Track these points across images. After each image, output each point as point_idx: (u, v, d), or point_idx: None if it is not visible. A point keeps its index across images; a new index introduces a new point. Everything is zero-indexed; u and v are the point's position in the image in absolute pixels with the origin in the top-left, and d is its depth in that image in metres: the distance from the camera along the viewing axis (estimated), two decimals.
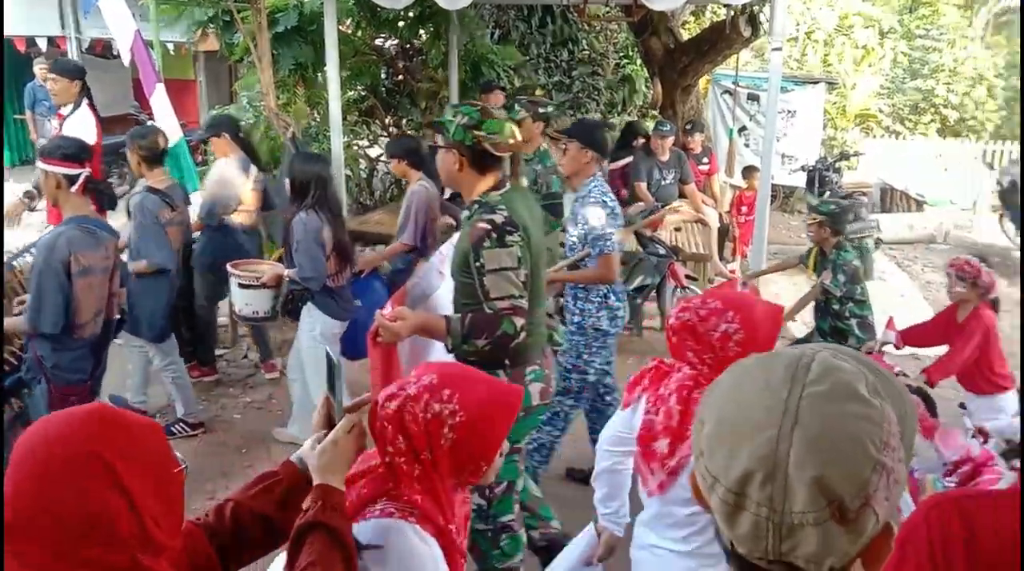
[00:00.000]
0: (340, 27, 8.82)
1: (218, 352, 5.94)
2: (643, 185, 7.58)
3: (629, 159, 7.98)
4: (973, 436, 3.00)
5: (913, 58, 16.06)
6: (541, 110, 5.13)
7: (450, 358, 2.63)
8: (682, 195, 7.88)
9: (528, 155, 5.44)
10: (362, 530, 1.53)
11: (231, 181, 5.28)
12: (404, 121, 10.41)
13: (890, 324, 4.39)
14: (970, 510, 1.06)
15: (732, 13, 8.37)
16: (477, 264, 2.57)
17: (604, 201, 3.82)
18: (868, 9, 16.04)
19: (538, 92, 13.00)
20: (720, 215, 8.49)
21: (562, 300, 4.25)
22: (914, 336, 4.32)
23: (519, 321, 2.56)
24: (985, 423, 3.09)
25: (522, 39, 12.69)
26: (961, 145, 13.57)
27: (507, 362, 2.71)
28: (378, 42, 10.48)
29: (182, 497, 1.31)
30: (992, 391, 3.89)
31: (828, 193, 9.16)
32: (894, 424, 0.82)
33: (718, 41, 8.98)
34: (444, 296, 2.95)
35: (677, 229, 7.75)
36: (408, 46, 10.42)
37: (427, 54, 10.07)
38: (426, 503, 1.54)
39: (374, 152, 10.68)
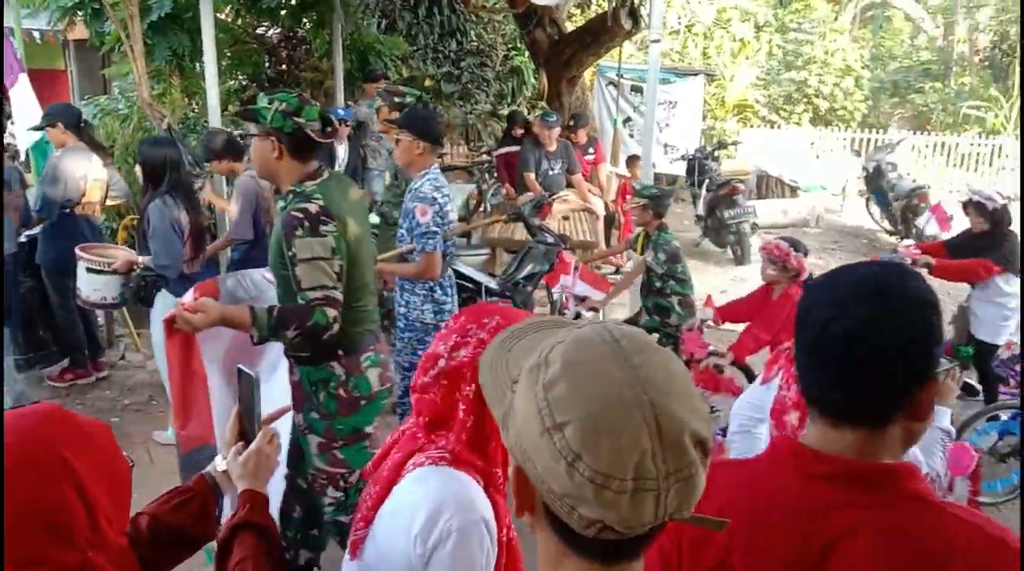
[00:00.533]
0: (219, 15, 8.56)
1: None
2: (532, 175, 7.69)
3: (513, 148, 8.06)
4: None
5: (787, 50, 16.82)
6: (397, 99, 5.08)
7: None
8: (569, 185, 8.03)
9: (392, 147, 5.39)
10: (404, 488, 1.52)
11: (66, 172, 5.03)
12: None
13: (708, 302, 4.64)
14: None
15: (613, 6, 8.56)
16: (289, 253, 2.52)
17: (434, 197, 3.74)
18: (744, 3, 16.70)
19: (427, 82, 12.99)
20: (606, 204, 8.69)
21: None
22: (731, 313, 4.51)
23: (331, 312, 2.51)
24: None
25: (409, 29, 12.62)
26: (831, 133, 14.32)
27: (340, 352, 2.70)
28: (260, 30, 10.23)
29: (130, 494, 1.35)
30: None
31: (708, 180, 9.54)
32: None
33: (601, 33, 9.16)
34: None
35: (565, 218, 7.89)
36: (291, 34, 10.20)
37: (311, 43, 9.88)
38: (464, 451, 1.51)
39: None
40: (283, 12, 9.13)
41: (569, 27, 10.97)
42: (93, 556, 1.22)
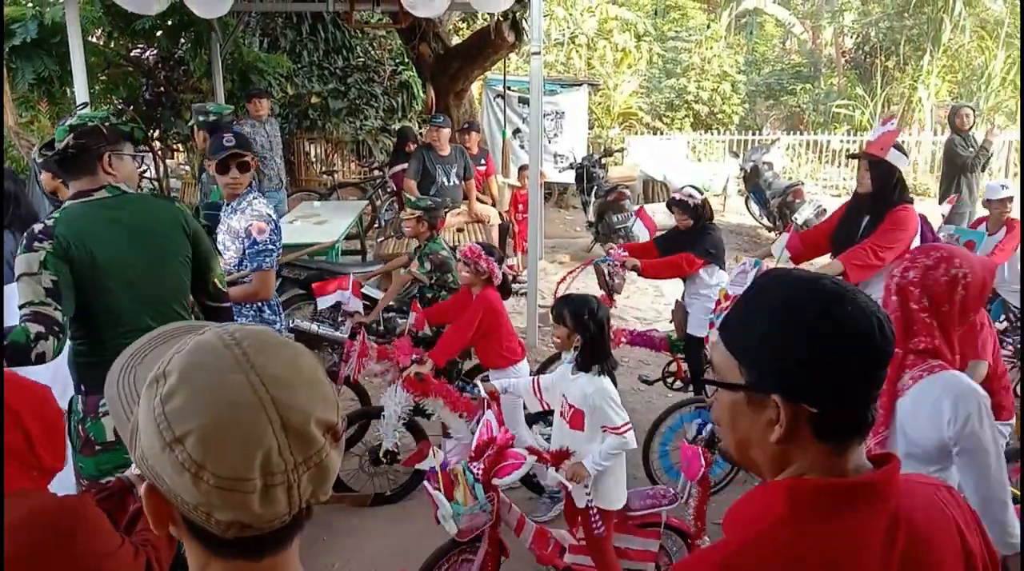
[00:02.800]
0: (91, 37, 8.27)
1: None
2: (414, 183, 7.64)
3: (403, 166, 8.09)
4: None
5: (666, 58, 17.42)
6: (202, 117, 5.02)
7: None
8: (464, 196, 8.09)
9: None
10: (919, 393, 2.08)
11: None
12: (169, 134, 9.92)
13: (414, 306, 4.75)
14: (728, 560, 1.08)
15: (496, 19, 8.72)
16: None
17: (270, 214, 3.68)
18: (624, 13, 17.23)
19: (313, 99, 12.88)
20: (500, 214, 8.81)
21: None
22: (435, 315, 4.57)
23: (34, 328, 2.32)
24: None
25: (293, 47, 12.49)
26: (712, 137, 14.90)
27: (82, 386, 2.60)
28: (135, 52, 9.93)
29: (63, 433, 1.76)
30: (506, 365, 4.22)
31: (596, 187, 9.79)
32: None
33: (485, 47, 9.30)
34: None
35: (459, 230, 7.97)
36: (168, 56, 9.94)
37: (189, 64, 9.65)
38: (940, 345, 2.14)
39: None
40: (159, 33, 8.90)
41: (455, 41, 11.10)
42: (39, 477, 1.66)
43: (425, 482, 2.91)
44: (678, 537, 3.39)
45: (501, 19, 8.73)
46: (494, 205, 8.78)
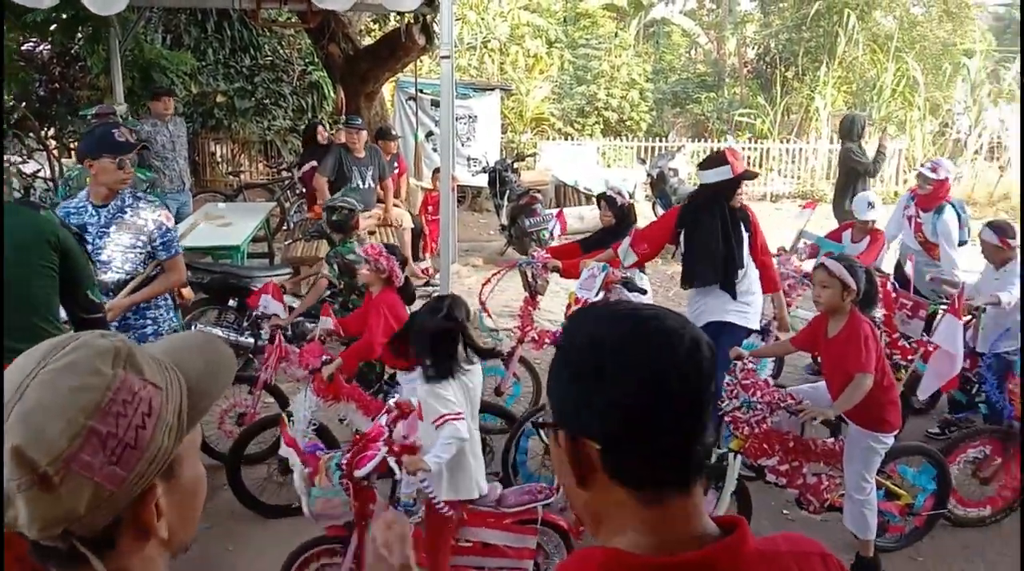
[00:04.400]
0: None
1: None
2: (325, 181, 7.53)
3: (315, 163, 7.96)
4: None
5: (577, 65, 17.68)
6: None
7: None
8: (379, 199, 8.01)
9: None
10: None
11: None
12: (65, 132, 9.50)
13: (325, 310, 4.69)
14: None
15: (407, 22, 8.67)
16: None
17: (164, 202, 3.82)
18: (536, 19, 17.41)
19: (218, 98, 12.55)
20: (413, 216, 8.77)
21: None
22: (351, 322, 4.56)
23: None
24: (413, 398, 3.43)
25: (197, 44, 12.15)
26: (621, 143, 15.20)
27: None
28: (28, 46, 9.47)
29: None
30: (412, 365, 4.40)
31: (508, 191, 9.85)
32: (128, 391, 0.84)
33: (396, 49, 9.25)
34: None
35: (371, 233, 7.89)
36: (64, 51, 9.52)
37: (87, 60, 9.26)
38: None
39: (30, 168, 9.61)
40: (52, 27, 8.51)
41: (366, 42, 10.99)
42: None
43: (293, 463, 2.93)
44: (556, 535, 3.39)
45: (411, 22, 8.70)
46: (407, 207, 8.75)
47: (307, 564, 3.11)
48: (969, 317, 5.12)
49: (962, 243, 5.95)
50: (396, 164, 8.78)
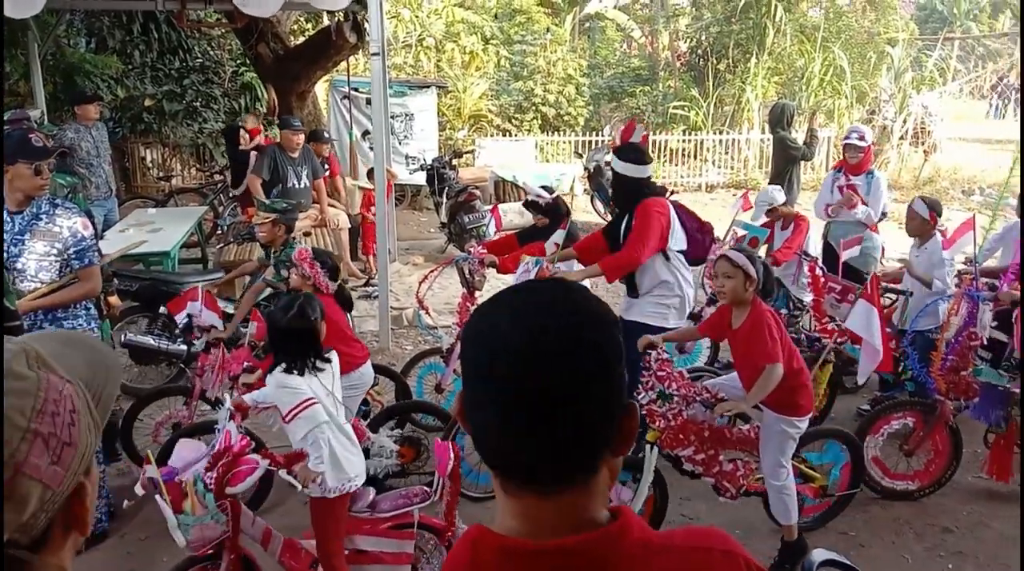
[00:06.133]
0: None
1: None
2: (259, 181, 7.42)
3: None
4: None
5: (514, 62, 17.69)
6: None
7: None
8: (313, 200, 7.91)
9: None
10: None
11: None
12: None
13: (256, 316, 4.69)
14: None
15: (337, 20, 8.59)
16: None
17: (84, 210, 3.75)
18: (470, 16, 17.36)
19: (147, 102, 12.25)
20: (351, 216, 8.69)
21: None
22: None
23: None
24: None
25: (123, 47, 11.86)
26: (558, 138, 15.27)
27: None
28: None
29: None
30: (347, 370, 4.19)
31: (447, 188, 9.83)
32: (55, 390, 0.84)
33: (327, 47, 9.15)
34: None
35: (307, 234, 7.79)
36: None
37: (2, 65, 8.95)
38: None
39: None
40: None
41: (298, 41, 10.84)
42: None
43: (156, 496, 2.80)
44: (433, 536, 3.37)
45: (342, 19, 8.62)
46: (343, 207, 8.66)
47: None
48: (893, 300, 5.29)
49: (883, 216, 6.21)
50: (327, 166, 8.68)
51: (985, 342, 4.31)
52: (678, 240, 4.51)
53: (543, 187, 5.60)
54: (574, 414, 0.88)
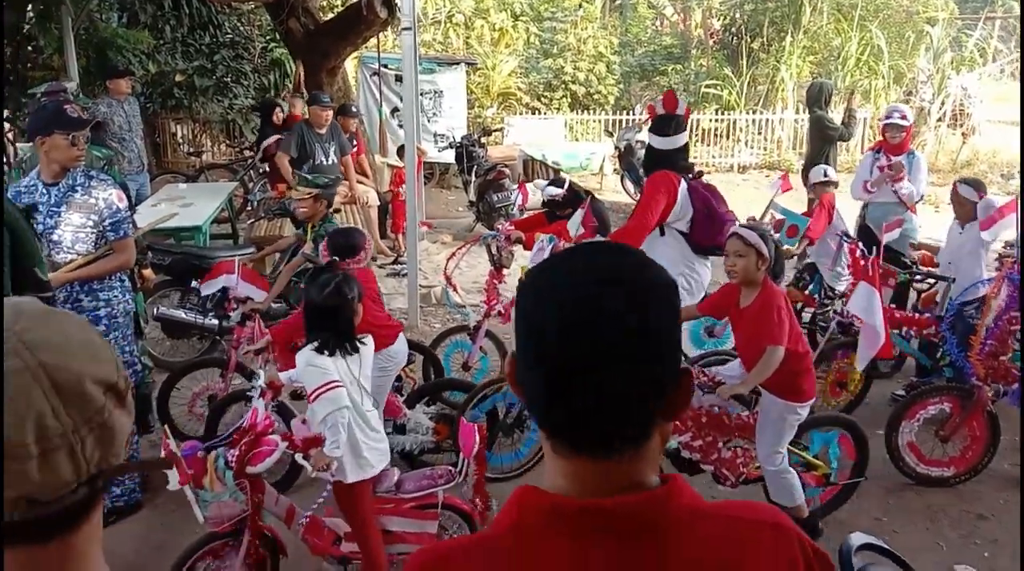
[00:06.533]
0: None
1: None
2: (286, 159, 7.39)
3: (278, 137, 7.83)
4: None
5: (543, 39, 17.54)
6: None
7: None
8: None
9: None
10: None
11: None
12: (18, 115, 9.25)
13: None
14: (438, 560, 0.98)
15: None
16: None
17: (120, 183, 3.80)
18: None
19: (178, 77, 12.30)
20: (379, 194, 8.68)
21: None
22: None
23: None
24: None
25: (154, 22, 11.87)
26: (588, 117, 15.14)
27: None
28: None
29: None
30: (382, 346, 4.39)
31: (476, 167, 9.78)
32: None
33: (357, 23, 9.08)
34: None
35: (336, 210, 7.78)
36: (15, 30, 9.25)
37: (39, 39, 9.02)
38: None
39: None
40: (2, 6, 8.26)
41: (327, 17, 10.79)
42: None
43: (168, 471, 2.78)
44: (459, 517, 3.34)
45: None
46: (372, 185, 8.65)
47: (197, 564, 2.99)
48: (932, 284, 5.19)
49: (920, 198, 6.10)
50: (355, 142, 8.65)
51: None
52: (682, 220, 4.46)
53: (551, 183, 5.49)
54: (623, 381, 0.88)
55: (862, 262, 4.56)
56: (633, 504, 0.88)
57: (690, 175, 4.51)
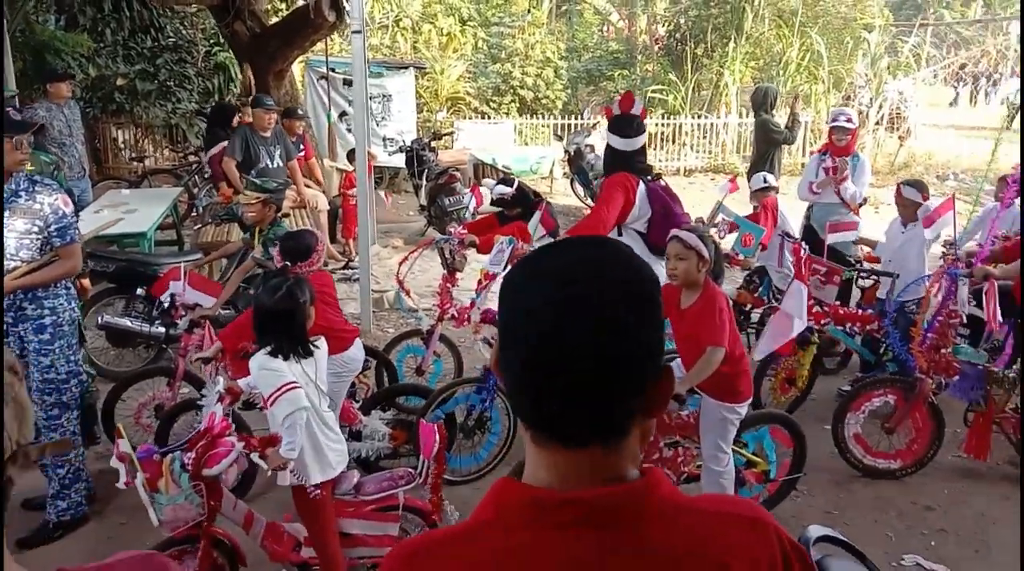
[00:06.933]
0: None
1: None
2: (232, 163, 7.29)
3: (224, 144, 7.71)
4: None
5: (491, 43, 17.58)
6: None
7: None
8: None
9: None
10: None
11: None
12: None
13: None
14: (419, 553, 0.97)
15: None
16: None
17: (65, 188, 3.68)
18: None
19: (119, 81, 12.03)
20: (330, 198, 8.60)
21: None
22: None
23: None
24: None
25: (94, 25, 11.61)
26: (537, 121, 15.22)
27: None
28: None
29: None
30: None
31: (427, 171, 9.74)
32: None
33: (304, 26, 9.00)
34: None
35: (285, 215, 7.68)
36: None
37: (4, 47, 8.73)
38: None
39: None
40: None
41: (274, 20, 10.67)
42: None
43: (120, 467, 2.78)
44: (421, 519, 3.34)
45: None
46: (321, 189, 8.57)
47: None
48: (875, 281, 5.33)
49: (862, 201, 6.26)
50: (302, 146, 8.56)
51: (964, 320, 4.35)
52: (639, 221, 4.49)
53: (500, 182, 5.49)
54: (602, 377, 0.87)
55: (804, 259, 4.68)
56: (613, 496, 0.89)
57: (649, 177, 4.54)
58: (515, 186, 5.27)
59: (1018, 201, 5.66)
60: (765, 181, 6.04)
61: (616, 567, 0.88)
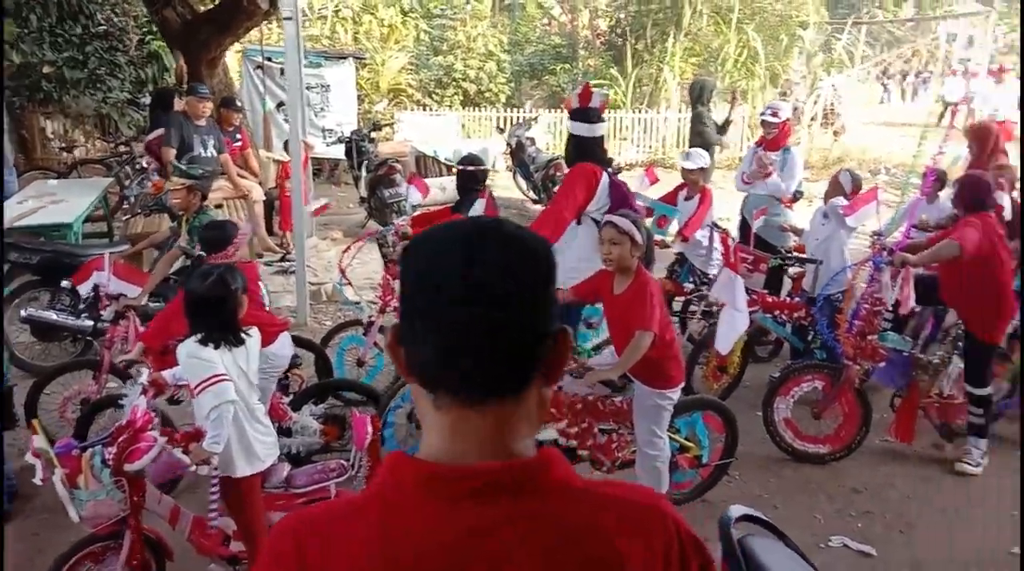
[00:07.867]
0: None
1: None
2: (172, 151, 7.13)
3: (160, 132, 7.52)
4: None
5: (434, 36, 17.47)
6: None
7: None
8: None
9: None
10: None
11: None
12: None
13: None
14: (305, 527, 0.95)
15: None
16: None
17: None
18: None
19: (45, 69, 11.62)
20: (265, 190, 8.45)
21: None
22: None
23: None
24: None
25: (19, 10, 11.18)
26: (480, 114, 15.19)
27: None
28: None
29: None
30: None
31: (366, 162, 9.64)
32: None
33: (237, 13, 8.80)
34: None
35: (218, 206, 7.54)
36: None
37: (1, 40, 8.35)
38: None
39: None
40: None
41: (202, 7, 10.41)
42: None
43: (35, 462, 2.71)
44: None
45: None
46: (257, 180, 8.41)
47: (76, 567, 2.86)
48: (802, 269, 5.46)
49: (798, 195, 6.38)
50: (239, 136, 8.39)
51: (890, 308, 4.47)
52: (599, 210, 4.49)
53: (463, 161, 5.49)
54: (507, 333, 0.91)
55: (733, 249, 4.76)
56: (511, 470, 0.90)
57: (610, 169, 4.54)
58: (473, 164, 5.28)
59: (941, 194, 5.88)
60: (688, 156, 6.03)
61: (510, 536, 0.88)
